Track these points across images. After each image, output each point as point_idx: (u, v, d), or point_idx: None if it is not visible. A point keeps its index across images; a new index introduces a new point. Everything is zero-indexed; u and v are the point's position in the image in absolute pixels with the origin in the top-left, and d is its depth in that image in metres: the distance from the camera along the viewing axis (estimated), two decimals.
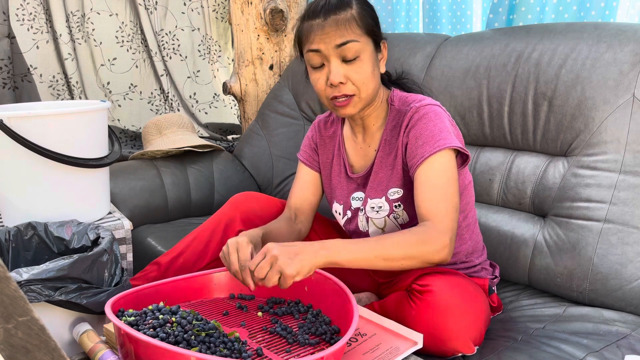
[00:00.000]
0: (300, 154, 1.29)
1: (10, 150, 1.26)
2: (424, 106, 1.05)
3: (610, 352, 0.97)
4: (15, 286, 0.46)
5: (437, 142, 1.01)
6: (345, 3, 1.03)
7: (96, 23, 2.29)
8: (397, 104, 1.11)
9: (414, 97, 1.10)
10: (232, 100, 2.64)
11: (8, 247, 1.20)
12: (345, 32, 1.01)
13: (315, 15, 1.03)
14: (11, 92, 2.12)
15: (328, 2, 1.03)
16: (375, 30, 1.05)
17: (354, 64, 1.02)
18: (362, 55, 1.02)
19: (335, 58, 1.02)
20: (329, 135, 1.24)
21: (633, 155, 1.14)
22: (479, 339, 1.00)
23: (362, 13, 1.03)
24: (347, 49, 1.01)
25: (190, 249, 1.22)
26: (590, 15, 1.46)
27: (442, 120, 1.04)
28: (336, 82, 1.02)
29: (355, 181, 1.18)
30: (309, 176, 1.26)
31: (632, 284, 1.11)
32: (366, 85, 1.04)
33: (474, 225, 1.18)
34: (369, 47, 1.04)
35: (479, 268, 1.17)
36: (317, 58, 1.04)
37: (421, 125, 1.03)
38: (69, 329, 1.02)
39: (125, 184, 1.81)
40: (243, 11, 2.17)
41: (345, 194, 1.19)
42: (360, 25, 1.02)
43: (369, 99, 1.07)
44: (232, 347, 0.86)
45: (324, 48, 1.02)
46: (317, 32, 1.02)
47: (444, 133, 1.02)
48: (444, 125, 1.03)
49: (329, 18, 1.01)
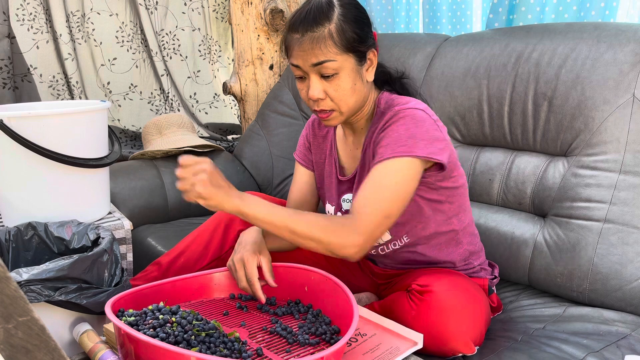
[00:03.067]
0: (296, 153, 1.28)
1: (10, 150, 1.26)
2: (404, 109, 1.01)
3: (610, 352, 0.97)
4: (15, 286, 0.46)
5: (399, 147, 0.96)
6: (324, 17, 0.97)
7: (96, 23, 2.29)
8: (383, 106, 1.08)
9: (401, 99, 1.06)
10: (232, 100, 2.64)
11: (8, 247, 1.20)
12: (320, 53, 0.97)
13: (294, 30, 0.99)
14: (11, 92, 2.12)
15: (306, 16, 0.98)
16: (357, 45, 0.99)
17: (332, 81, 0.99)
18: (340, 73, 0.99)
19: (313, 75, 0.99)
20: (323, 135, 1.24)
21: (633, 155, 1.14)
22: (479, 339, 1.00)
23: (342, 28, 0.97)
24: (323, 68, 0.98)
25: (190, 249, 1.22)
26: (590, 15, 1.46)
27: (419, 125, 0.98)
28: (315, 98, 1.00)
29: (345, 183, 1.17)
30: (306, 177, 1.26)
31: (632, 284, 1.11)
32: (344, 101, 1.01)
33: (470, 227, 1.16)
34: (349, 63, 0.99)
35: (478, 268, 1.17)
36: (298, 71, 1.02)
37: (393, 127, 1.00)
38: (69, 329, 1.02)
39: (125, 184, 1.81)
40: (243, 11, 2.17)
41: (336, 195, 1.19)
42: (337, 42, 0.97)
43: (350, 112, 1.05)
44: (232, 347, 0.86)
45: (302, 64, 1.00)
46: (296, 48, 0.99)
47: (411, 140, 0.97)
48: (418, 131, 0.98)
49: (306, 34, 0.97)
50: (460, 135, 1.48)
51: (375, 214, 0.94)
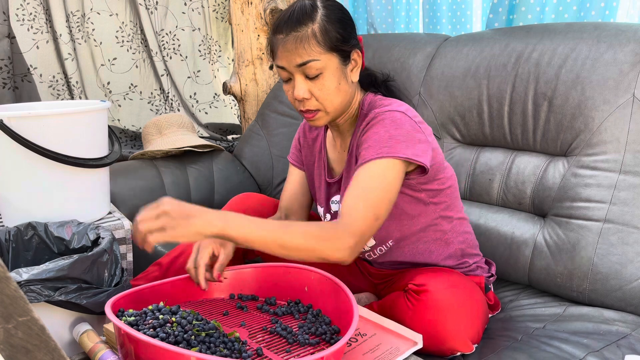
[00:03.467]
0: (289, 155, 1.30)
1: (10, 150, 1.26)
2: (384, 112, 1.01)
3: (610, 352, 0.97)
4: (15, 286, 0.46)
5: (381, 148, 0.96)
6: (307, 17, 0.99)
7: (96, 23, 2.29)
8: (366, 109, 1.08)
9: (383, 101, 1.07)
10: (232, 100, 2.64)
11: (8, 247, 1.20)
12: (303, 52, 0.98)
13: (279, 30, 1.01)
14: (11, 92, 2.12)
15: (290, 17, 1.00)
16: (340, 45, 1.00)
17: (316, 81, 1.00)
18: (324, 72, 1.00)
19: (298, 75, 1.01)
20: (313, 138, 1.25)
21: (633, 155, 1.14)
22: (477, 337, 1.00)
23: (326, 28, 0.99)
24: (307, 68, 0.99)
25: (190, 249, 1.21)
26: (590, 15, 1.46)
27: (399, 127, 0.99)
28: (300, 98, 1.01)
29: (334, 185, 1.18)
30: (298, 176, 1.27)
31: (632, 284, 1.11)
32: (330, 101, 1.02)
33: (460, 227, 1.16)
34: (333, 63, 1.00)
35: (474, 267, 1.17)
36: (284, 73, 1.03)
37: (373, 130, 1.00)
38: (69, 329, 1.02)
39: (125, 184, 1.81)
40: (243, 11, 2.17)
41: (325, 197, 1.19)
42: (321, 42, 0.98)
43: (336, 112, 1.05)
44: (232, 347, 0.86)
45: (286, 65, 1.01)
46: (280, 48, 1.01)
47: (392, 141, 0.97)
48: (398, 133, 0.98)
49: (289, 35, 0.99)
50: (460, 135, 1.48)
51: (364, 215, 0.93)
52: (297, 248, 0.88)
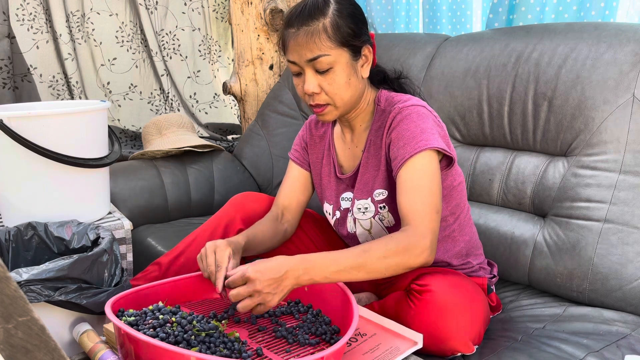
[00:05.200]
0: (291, 152, 1.29)
1: (10, 150, 1.26)
2: (407, 107, 1.04)
3: (610, 352, 0.97)
4: (15, 286, 0.46)
5: (418, 142, 0.99)
6: (319, 11, 1.00)
7: (96, 23, 2.29)
8: (383, 104, 1.10)
9: (400, 97, 1.09)
10: (232, 100, 2.64)
11: (8, 247, 1.20)
12: (314, 47, 0.99)
13: (290, 24, 1.02)
14: (11, 92, 2.12)
15: (302, 11, 1.01)
16: (351, 40, 1.01)
17: (327, 76, 1.01)
18: (335, 67, 1.01)
19: (309, 69, 1.02)
20: (320, 135, 1.25)
21: (633, 155, 1.14)
22: (478, 338, 1.00)
23: (337, 22, 1.00)
24: (318, 63, 1.00)
25: (190, 249, 1.22)
26: (590, 15, 1.46)
27: (425, 120, 1.02)
28: (310, 92, 1.03)
29: (344, 182, 1.18)
30: (298, 175, 1.26)
31: (632, 284, 1.11)
32: (339, 96, 1.03)
33: (466, 226, 1.17)
34: (344, 58, 1.01)
35: (476, 268, 1.17)
36: (294, 67, 1.04)
37: (403, 126, 1.02)
38: (69, 329, 1.02)
39: (125, 184, 1.81)
40: (243, 11, 2.17)
41: (334, 194, 1.19)
42: (332, 37, 0.99)
43: (346, 107, 1.06)
44: (232, 347, 0.86)
45: (297, 59, 1.02)
46: (292, 43, 1.02)
47: (425, 134, 1.00)
48: (427, 126, 1.01)
49: (301, 29, 1.00)
50: (460, 135, 1.48)
51: (428, 211, 0.96)
52: (384, 269, 0.92)
